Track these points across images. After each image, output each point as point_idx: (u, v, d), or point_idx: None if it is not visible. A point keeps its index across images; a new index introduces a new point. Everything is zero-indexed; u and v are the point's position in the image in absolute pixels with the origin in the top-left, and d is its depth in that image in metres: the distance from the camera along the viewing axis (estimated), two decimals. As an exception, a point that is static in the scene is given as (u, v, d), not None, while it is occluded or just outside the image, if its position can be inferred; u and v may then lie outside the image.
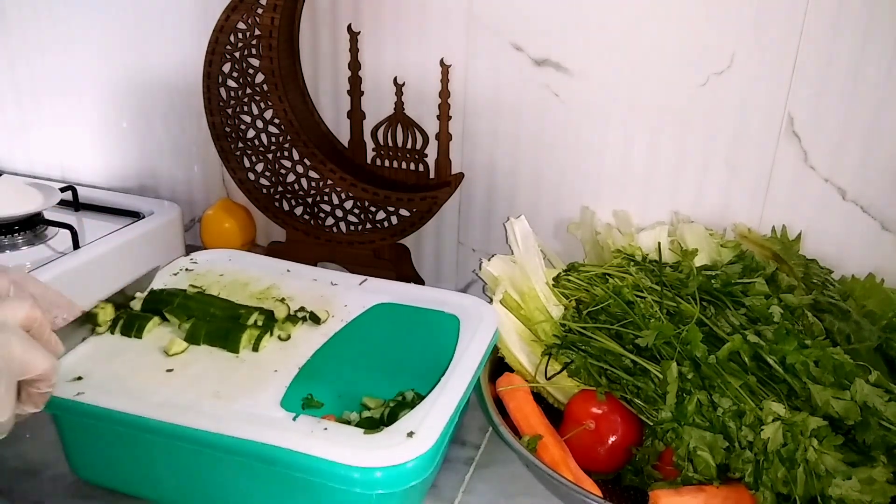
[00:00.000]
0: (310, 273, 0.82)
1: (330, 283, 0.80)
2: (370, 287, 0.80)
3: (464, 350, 0.67)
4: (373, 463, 0.52)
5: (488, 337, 0.70)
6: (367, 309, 0.75)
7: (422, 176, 0.97)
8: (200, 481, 0.61)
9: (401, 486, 0.53)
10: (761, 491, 0.58)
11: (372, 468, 0.52)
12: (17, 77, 1.20)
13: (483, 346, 0.68)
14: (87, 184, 1.20)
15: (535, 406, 0.72)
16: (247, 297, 0.76)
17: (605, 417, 0.67)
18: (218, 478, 0.60)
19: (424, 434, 0.55)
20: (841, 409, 0.59)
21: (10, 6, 1.15)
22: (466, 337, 0.69)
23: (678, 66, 0.85)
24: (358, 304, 0.76)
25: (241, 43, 0.93)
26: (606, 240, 0.88)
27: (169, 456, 0.60)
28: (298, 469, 0.54)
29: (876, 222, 0.84)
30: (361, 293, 0.78)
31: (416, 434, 0.55)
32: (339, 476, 0.53)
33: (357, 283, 0.80)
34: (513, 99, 0.92)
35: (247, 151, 0.99)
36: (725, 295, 0.72)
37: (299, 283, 0.79)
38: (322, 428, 0.56)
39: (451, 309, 0.74)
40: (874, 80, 0.78)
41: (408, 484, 0.53)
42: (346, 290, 0.78)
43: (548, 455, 0.66)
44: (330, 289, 0.79)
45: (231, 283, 0.78)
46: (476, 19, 0.90)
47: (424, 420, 0.57)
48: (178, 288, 0.75)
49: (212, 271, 0.81)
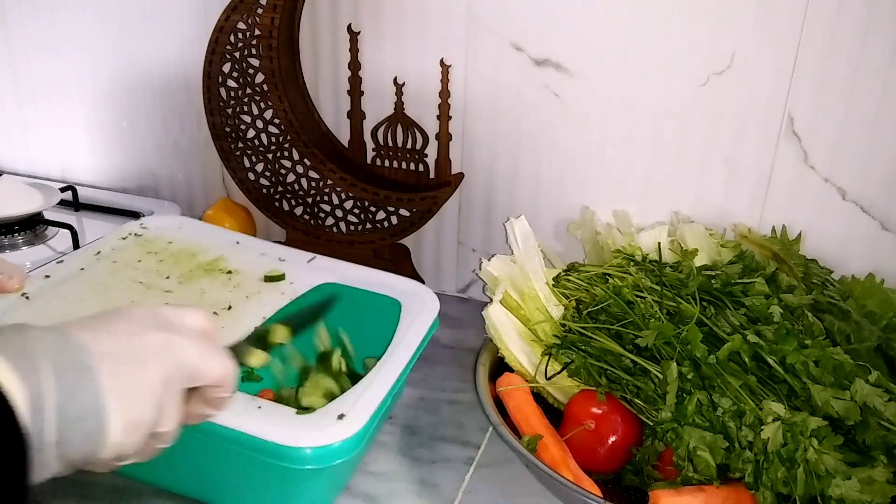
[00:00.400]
0: (259, 247, 0.82)
1: (278, 258, 0.80)
2: (318, 265, 0.80)
3: (402, 336, 0.68)
4: (303, 443, 0.54)
5: (427, 323, 0.71)
6: (313, 287, 0.75)
7: (422, 176, 0.97)
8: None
9: (329, 462, 0.55)
10: (761, 491, 0.58)
11: (302, 447, 0.54)
12: (17, 77, 1.20)
13: (421, 332, 0.69)
14: (87, 184, 1.20)
15: (535, 406, 0.72)
16: (194, 268, 0.76)
17: (605, 417, 0.67)
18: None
19: (355, 416, 0.57)
20: (841, 409, 0.59)
21: (10, 6, 1.15)
22: (406, 322, 0.70)
23: (678, 66, 0.85)
24: (304, 281, 0.76)
25: (241, 43, 0.93)
26: (606, 240, 0.88)
27: None
28: (233, 444, 0.56)
29: (876, 222, 0.84)
30: (309, 270, 0.78)
31: (346, 416, 0.57)
32: (271, 452, 0.55)
33: (305, 261, 0.80)
34: (513, 99, 0.92)
35: (247, 151, 0.99)
36: (725, 295, 0.72)
37: (247, 255, 0.80)
38: (256, 406, 0.58)
39: (395, 294, 0.75)
40: (874, 81, 0.78)
41: (335, 461, 0.55)
42: (293, 266, 0.78)
43: (548, 455, 0.66)
44: (278, 264, 0.79)
45: (179, 252, 0.79)
46: (476, 19, 0.90)
47: (357, 402, 0.59)
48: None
49: (161, 238, 0.81)
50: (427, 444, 0.74)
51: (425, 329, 0.70)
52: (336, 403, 0.59)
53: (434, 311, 0.73)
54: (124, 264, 0.76)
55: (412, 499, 0.67)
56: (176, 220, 0.86)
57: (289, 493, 0.61)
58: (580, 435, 0.67)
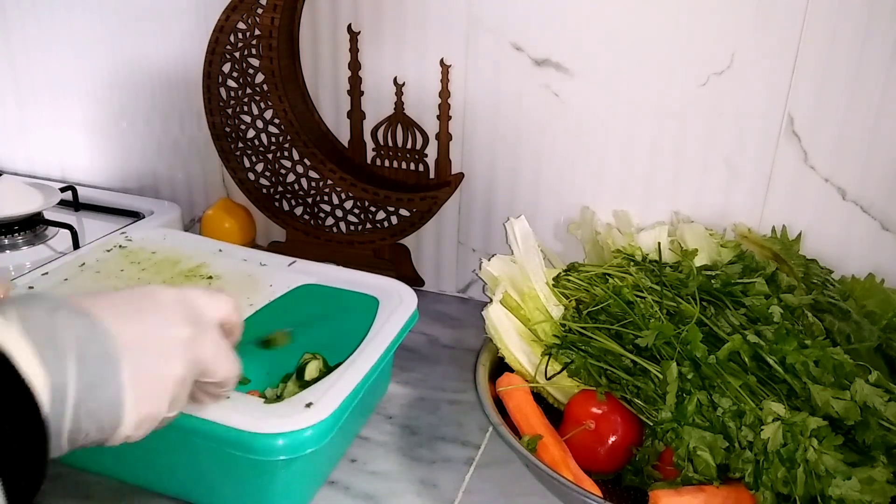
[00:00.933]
0: (241, 253, 0.84)
1: (259, 263, 0.82)
2: (297, 268, 0.82)
3: (378, 329, 0.70)
4: (270, 430, 0.55)
5: (404, 318, 0.73)
6: (292, 289, 0.77)
7: (422, 176, 0.97)
8: (118, 448, 0.64)
9: (299, 451, 0.56)
10: (761, 491, 0.58)
11: (271, 434, 0.55)
12: (17, 77, 1.20)
13: (396, 326, 0.71)
14: (87, 184, 1.20)
15: (535, 406, 0.72)
16: (175, 275, 0.78)
17: (605, 417, 0.67)
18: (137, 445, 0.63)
19: (324, 404, 0.58)
20: (841, 409, 0.59)
21: (10, 6, 1.15)
22: (382, 317, 0.73)
23: (678, 66, 0.85)
24: (283, 284, 0.78)
25: (241, 43, 0.93)
26: (606, 240, 0.88)
27: None
28: (202, 436, 0.56)
29: (876, 222, 0.84)
30: (288, 274, 0.80)
31: (314, 404, 0.58)
32: (239, 442, 0.55)
33: (286, 265, 0.82)
34: (513, 99, 0.92)
35: (247, 151, 0.99)
36: (725, 295, 0.72)
37: (229, 261, 0.82)
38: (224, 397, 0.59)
39: (372, 291, 0.77)
40: (874, 80, 0.78)
41: (306, 450, 0.56)
42: (273, 270, 0.81)
43: (548, 455, 0.66)
44: (258, 269, 0.81)
45: (162, 261, 0.81)
46: (476, 19, 0.90)
47: (327, 392, 0.60)
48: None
49: (144, 248, 0.83)
50: (427, 444, 0.74)
51: (401, 323, 0.72)
52: (306, 393, 0.60)
53: (411, 306, 0.75)
54: (108, 274, 0.78)
55: (412, 499, 0.67)
56: (160, 232, 0.89)
57: (264, 486, 0.61)
58: (580, 435, 0.67)
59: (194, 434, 0.57)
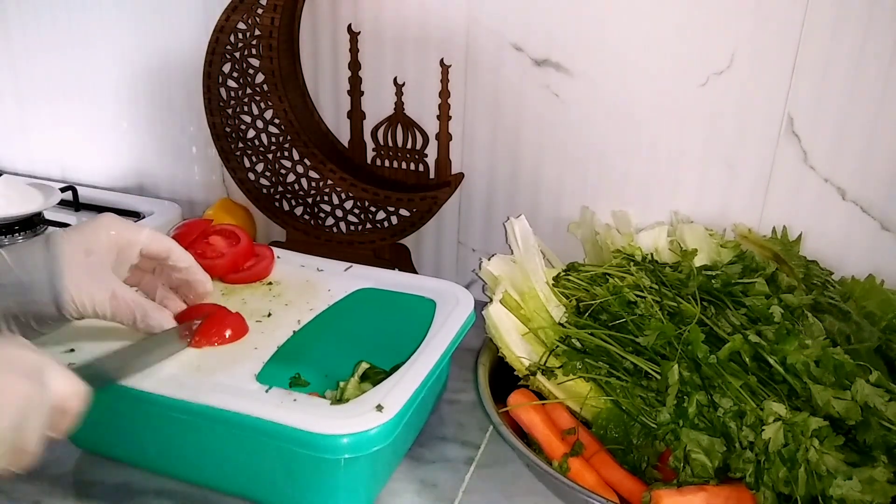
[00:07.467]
0: (298, 259, 0.85)
1: (316, 269, 0.83)
2: (354, 273, 0.82)
3: (436, 331, 0.71)
4: (336, 430, 0.56)
5: (462, 318, 0.74)
6: (350, 293, 0.78)
7: (422, 176, 0.97)
8: (184, 448, 0.65)
9: (364, 450, 0.57)
10: (762, 491, 0.58)
11: (338, 435, 0.56)
12: (17, 77, 1.20)
13: (455, 327, 0.72)
14: (87, 184, 1.20)
15: (550, 422, 0.70)
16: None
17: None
18: (201, 445, 0.64)
19: (389, 405, 0.59)
20: (842, 410, 0.59)
21: (10, 6, 1.15)
22: (440, 319, 0.73)
23: (678, 66, 0.85)
24: (341, 288, 0.78)
25: (241, 43, 0.93)
26: (606, 240, 0.87)
27: (152, 424, 0.65)
28: (269, 436, 0.57)
29: (876, 222, 0.84)
30: (345, 279, 0.81)
31: (384, 407, 0.59)
32: (306, 442, 0.56)
33: (342, 270, 0.83)
34: (513, 99, 0.92)
35: (247, 151, 0.99)
36: (726, 295, 0.72)
37: (287, 267, 0.83)
38: (292, 399, 0.60)
39: (429, 293, 0.78)
40: (874, 80, 0.78)
41: (370, 449, 0.57)
42: (330, 275, 0.82)
43: (584, 480, 0.65)
44: (316, 274, 0.82)
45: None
46: (476, 19, 0.90)
47: (391, 392, 0.61)
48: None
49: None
50: (427, 443, 0.74)
51: (459, 323, 0.73)
52: (369, 395, 0.61)
53: (469, 307, 0.76)
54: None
55: (412, 499, 0.67)
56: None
57: (328, 486, 0.62)
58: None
59: (263, 433, 0.58)
